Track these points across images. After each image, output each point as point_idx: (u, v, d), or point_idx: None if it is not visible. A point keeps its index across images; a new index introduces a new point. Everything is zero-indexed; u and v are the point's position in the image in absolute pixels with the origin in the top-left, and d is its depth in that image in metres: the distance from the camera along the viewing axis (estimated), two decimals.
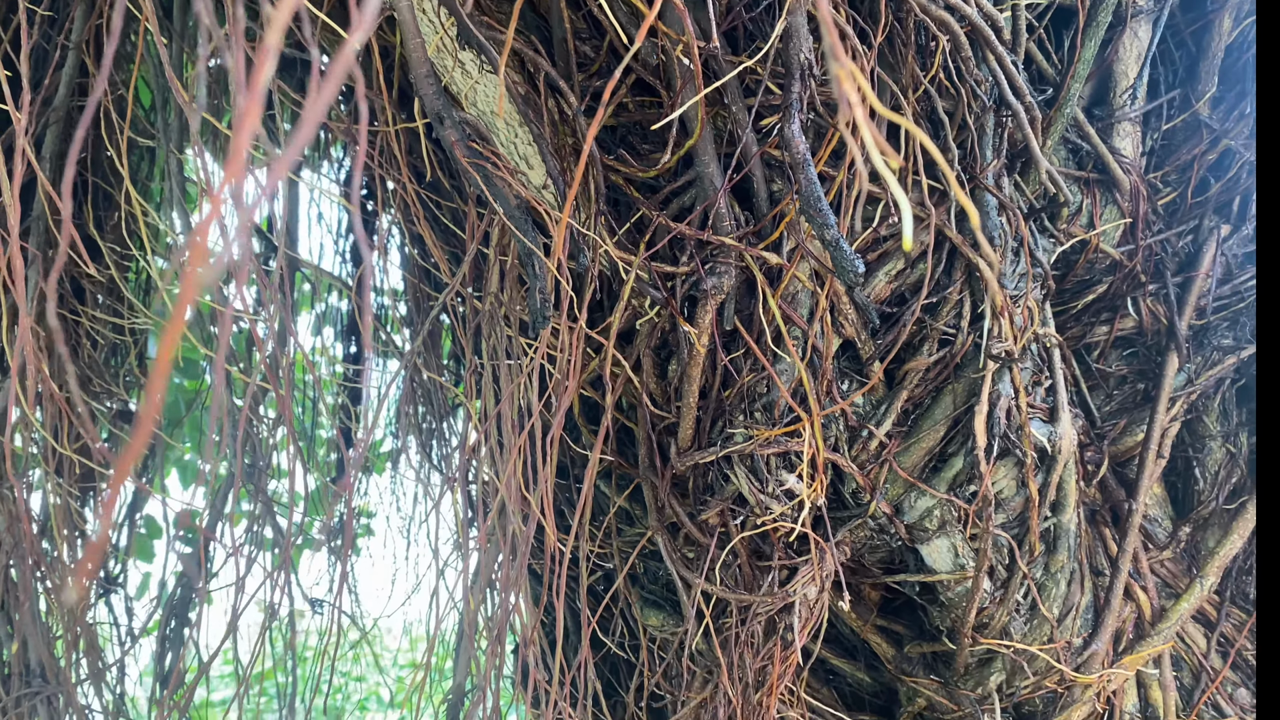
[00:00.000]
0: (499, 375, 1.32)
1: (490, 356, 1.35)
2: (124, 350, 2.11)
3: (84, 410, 1.99)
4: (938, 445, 1.39)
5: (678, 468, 1.40)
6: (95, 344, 2.03)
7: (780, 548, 1.44)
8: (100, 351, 2.05)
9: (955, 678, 1.64)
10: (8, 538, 1.88)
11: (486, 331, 1.34)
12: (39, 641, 1.92)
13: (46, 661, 1.91)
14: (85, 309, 2.03)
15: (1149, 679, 1.63)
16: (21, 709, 1.86)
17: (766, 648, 1.45)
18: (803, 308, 1.29)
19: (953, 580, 1.49)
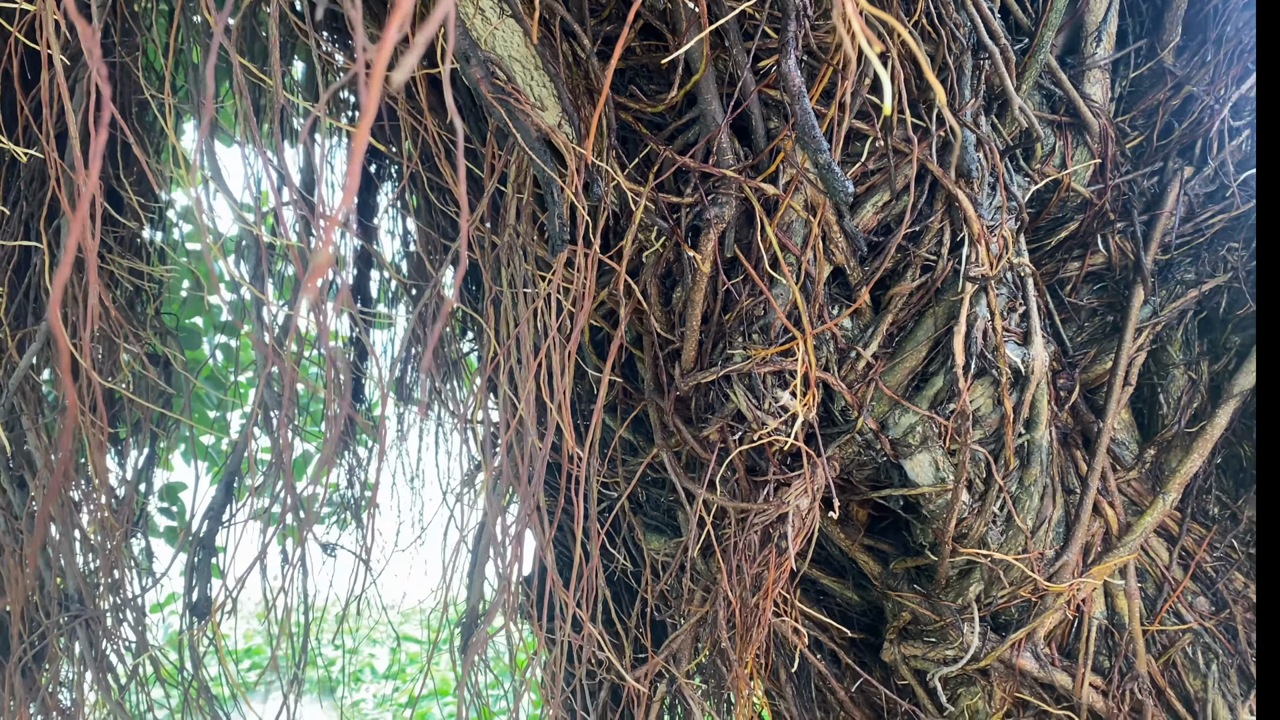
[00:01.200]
0: (517, 301, 1.43)
1: (509, 284, 1.46)
2: (146, 297, 2.22)
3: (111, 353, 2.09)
4: (920, 365, 1.51)
5: (681, 388, 1.52)
6: (120, 287, 2.13)
7: (775, 462, 1.57)
8: (125, 295, 2.15)
9: (937, 590, 1.77)
10: (45, 475, 1.99)
11: (505, 260, 1.45)
12: (76, 573, 2.03)
13: (84, 590, 2.02)
14: (111, 258, 2.13)
15: (1116, 588, 1.76)
16: (63, 630, 1.98)
17: (762, 555, 1.58)
18: (797, 236, 1.41)
19: (934, 493, 1.61)
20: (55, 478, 2.00)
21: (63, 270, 0.57)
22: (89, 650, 1.96)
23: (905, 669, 1.90)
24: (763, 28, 1.31)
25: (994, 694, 1.81)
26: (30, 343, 1.99)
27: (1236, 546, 1.81)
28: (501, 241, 1.43)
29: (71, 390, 0.54)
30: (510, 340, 1.38)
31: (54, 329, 0.48)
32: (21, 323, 2.00)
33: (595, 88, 1.32)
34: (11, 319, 1.98)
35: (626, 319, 1.37)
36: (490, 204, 1.51)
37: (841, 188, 1.15)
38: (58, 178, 1.43)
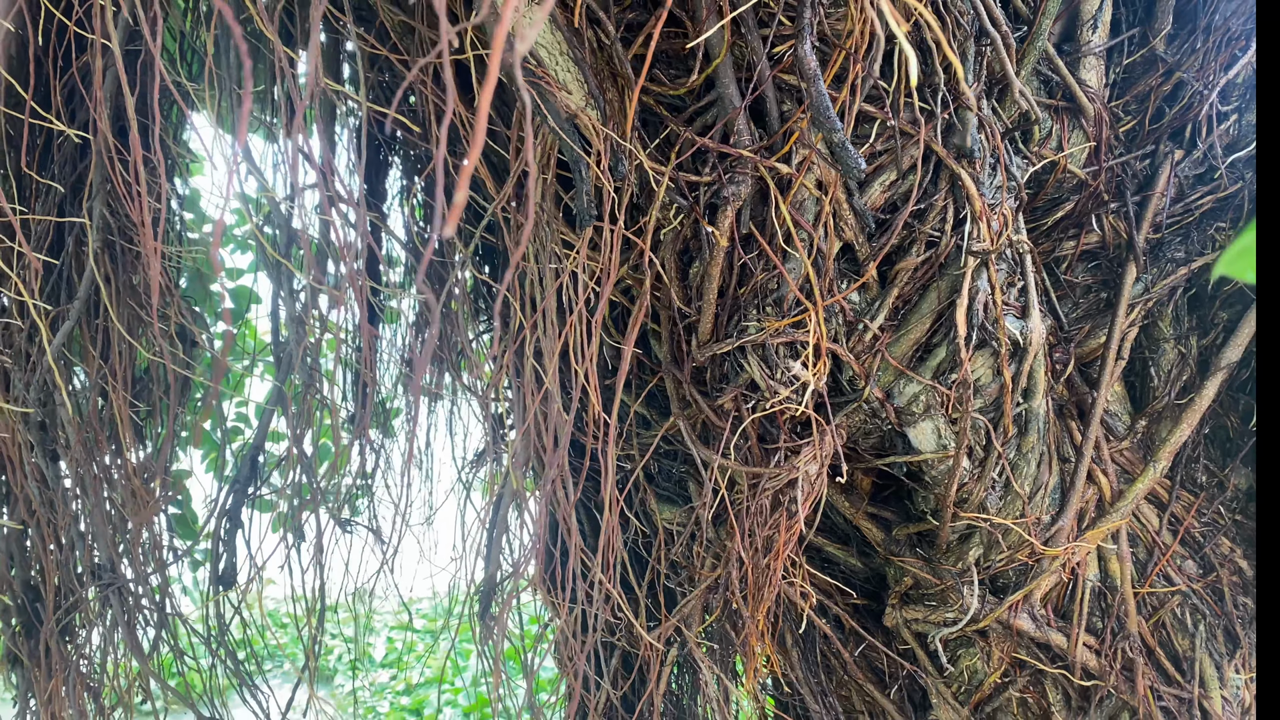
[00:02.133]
0: (543, 277, 1.51)
1: (535, 260, 1.53)
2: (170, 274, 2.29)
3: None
4: (924, 337, 1.59)
5: (698, 359, 1.60)
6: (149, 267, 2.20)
7: (786, 430, 1.65)
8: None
9: (938, 555, 1.85)
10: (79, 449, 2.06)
11: (530, 239, 1.53)
12: (107, 544, 2.10)
13: (115, 559, 2.10)
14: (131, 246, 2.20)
15: (1108, 553, 1.85)
16: (95, 599, 2.05)
17: (773, 518, 1.66)
18: (809, 213, 1.48)
19: (936, 459, 1.70)
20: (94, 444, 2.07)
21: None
22: (120, 617, 2.03)
23: (907, 632, 1.98)
24: (779, 16, 1.39)
25: (992, 654, 1.89)
26: (64, 321, 2.06)
27: (1223, 513, 1.90)
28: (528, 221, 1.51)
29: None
30: (537, 314, 1.46)
31: None
32: (55, 300, 2.07)
33: (619, 72, 1.39)
34: (46, 297, 2.05)
35: (648, 294, 1.45)
36: (515, 185, 1.58)
37: (854, 164, 1.23)
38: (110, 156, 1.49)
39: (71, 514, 2.07)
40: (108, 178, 2.06)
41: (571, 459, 2.15)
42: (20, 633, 2.41)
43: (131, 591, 2.07)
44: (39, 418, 2.06)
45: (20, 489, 2.08)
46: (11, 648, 2.44)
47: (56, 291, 2.07)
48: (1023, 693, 1.93)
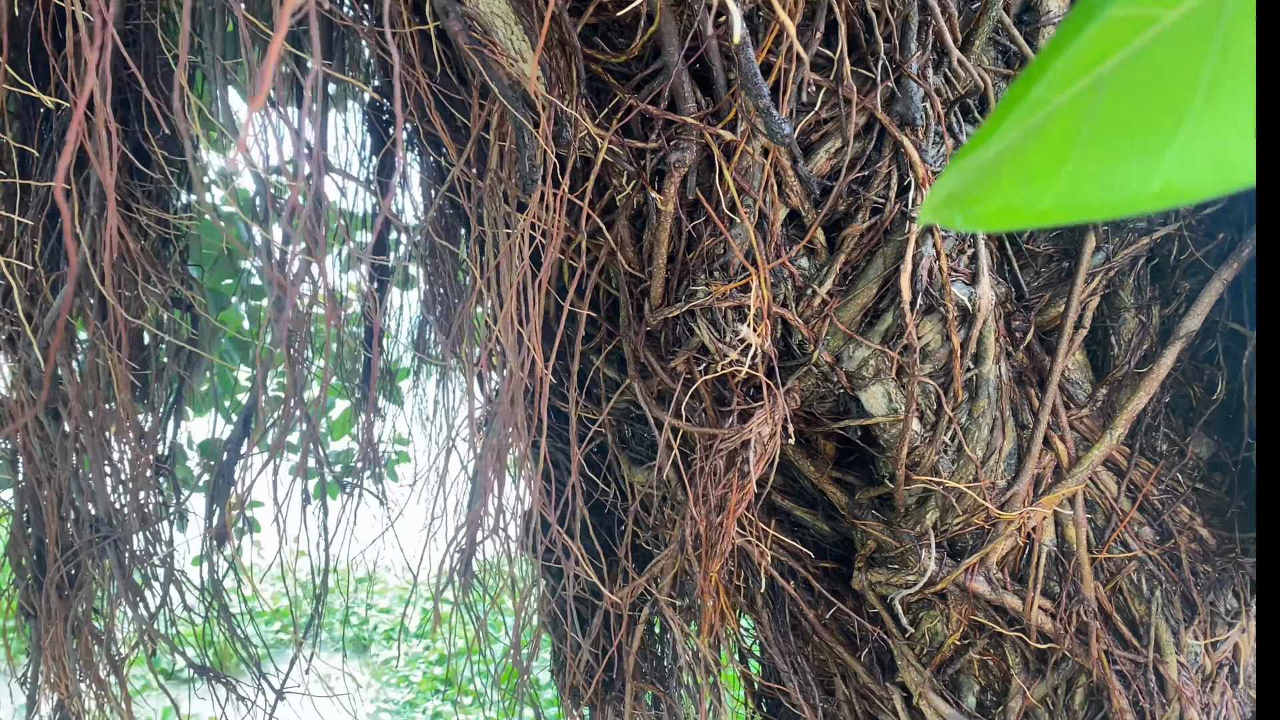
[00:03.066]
0: (499, 240, 1.57)
1: (491, 225, 1.59)
2: (172, 243, 2.37)
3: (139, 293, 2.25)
4: (871, 302, 1.63)
5: (650, 323, 1.65)
6: (147, 236, 2.29)
7: (739, 393, 1.69)
8: (152, 243, 2.31)
9: (897, 518, 1.89)
10: (77, 405, 2.16)
11: (487, 203, 1.58)
12: (105, 496, 2.20)
13: (111, 512, 2.19)
14: (138, 206, 2.28)
15: (1065, 518, 1.88)
16: (93, 550, 2.15)
17: (726, 478, 1.71)
18: (754, 180, 1.52)
19: (888, 423, 1.74)
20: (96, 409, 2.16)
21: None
22: (117, 569, 2.13)
23: (872, 595, 2.02)
24: None
25: (951, 617, 1.93)
26: (63, 284, 2.15)
27: (1182, 480, 1.91)
28: (484, 185, 1.56)
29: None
30: (490, 272, 1.51)
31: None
32: (55, 265, 2.16)
33: (566, 40, 1.44)
34: (46, 261, 2.14)
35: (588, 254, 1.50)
36: (477, 151, 1.64)
37: (779, 130, 1.27)
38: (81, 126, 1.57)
39: (71, 469, 2.17)
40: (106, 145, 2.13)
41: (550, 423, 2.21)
42: (33, 587, 2.52)
43: (127, 544, 2.16)
44: (39, 375, 2.15)
45: (23, 445, 2.18)
46: (24, 603, 2.56)
47: (56, 256, 2.16)
48: (983, 655, 1.97)
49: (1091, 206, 0.48)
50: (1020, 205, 0.49)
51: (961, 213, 0.51)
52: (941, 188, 0.52)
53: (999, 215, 0.50)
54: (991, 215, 0.50)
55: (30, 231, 2.14)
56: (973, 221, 0.51)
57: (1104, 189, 0.46)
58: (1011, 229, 1.27)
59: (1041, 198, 0.48)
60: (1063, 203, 0.48)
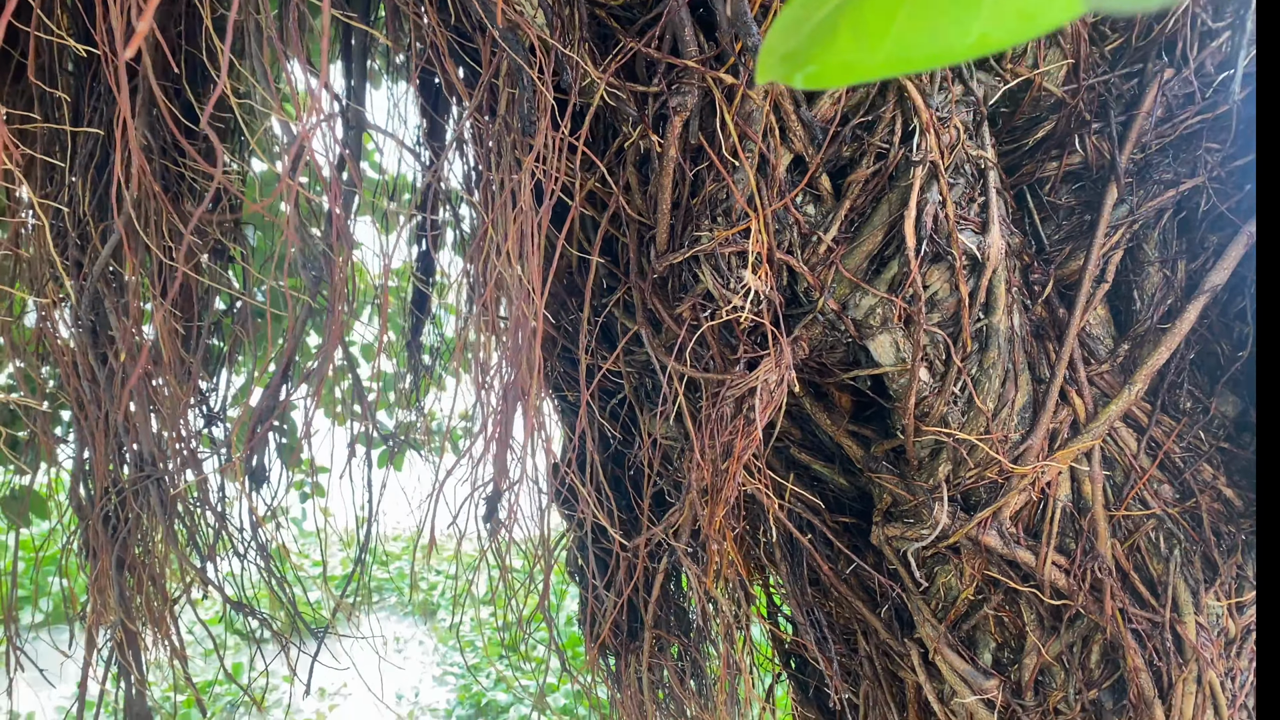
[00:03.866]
0: (504, 184, 1.60)
1: (499, 170, 1.62)
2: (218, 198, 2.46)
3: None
4: (877, 249, 1.63)
5: (656, 269, 1.67)
6: (194, 191, 2.37)
7: (746, 340, 1.71)
8: (198, 199, 2.39)
9: (910, 471, 1.89)
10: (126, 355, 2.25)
11: (495, 147, 1.62)
12: (148, 437, 2.30)
13: (154, 452, 2.29)
14: (185, 161, 2.37)
15: (1082, 474, 1.85)
16: (137, 488, 2.25)
17: (733, 425, 1.72)
18: (757, 125, 1.53)
19: (897, 372, 1.73)
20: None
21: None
22: (159, 506, 2.23)
23: (889, 550, 2.02)
24: None
25: (965, 571, 1.92)
26: (111, 234, 2.24)
27: (1205, 439, 1.87)
28: (494, 129, 1.60)
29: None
30: (494, 212, 1.55)
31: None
32: (103, 215, 2.26)
33: None
34: (94, 210, 2.24)
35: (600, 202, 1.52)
36: (491, 97, 1.67)
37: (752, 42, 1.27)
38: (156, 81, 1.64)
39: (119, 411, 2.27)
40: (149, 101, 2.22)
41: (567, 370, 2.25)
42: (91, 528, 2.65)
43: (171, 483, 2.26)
44: (90, 322, 2.26)
45: (74, 390, 2.29)
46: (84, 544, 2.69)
47: (104, 206, 2.25)
48: (998, 611, 1.96)
49: (918, 59, 0.50)
50: (856, 62, 0.51)
51: (799, 70, 0.53)
52: (775, 47, 0.53)
53: (836, 72, 0.52)
54: (829, 73, 0.52)
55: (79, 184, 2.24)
56: (811, 80, 0.53)
57: (929, 43, 0.49)
58: (846, 84, 1.26)
59: (874, 54, 0.51)
60: (893, 58, 0.50)
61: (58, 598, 7.32)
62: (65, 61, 2.27)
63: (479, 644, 8.59)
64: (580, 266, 1.98)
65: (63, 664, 3.64)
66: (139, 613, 2.64)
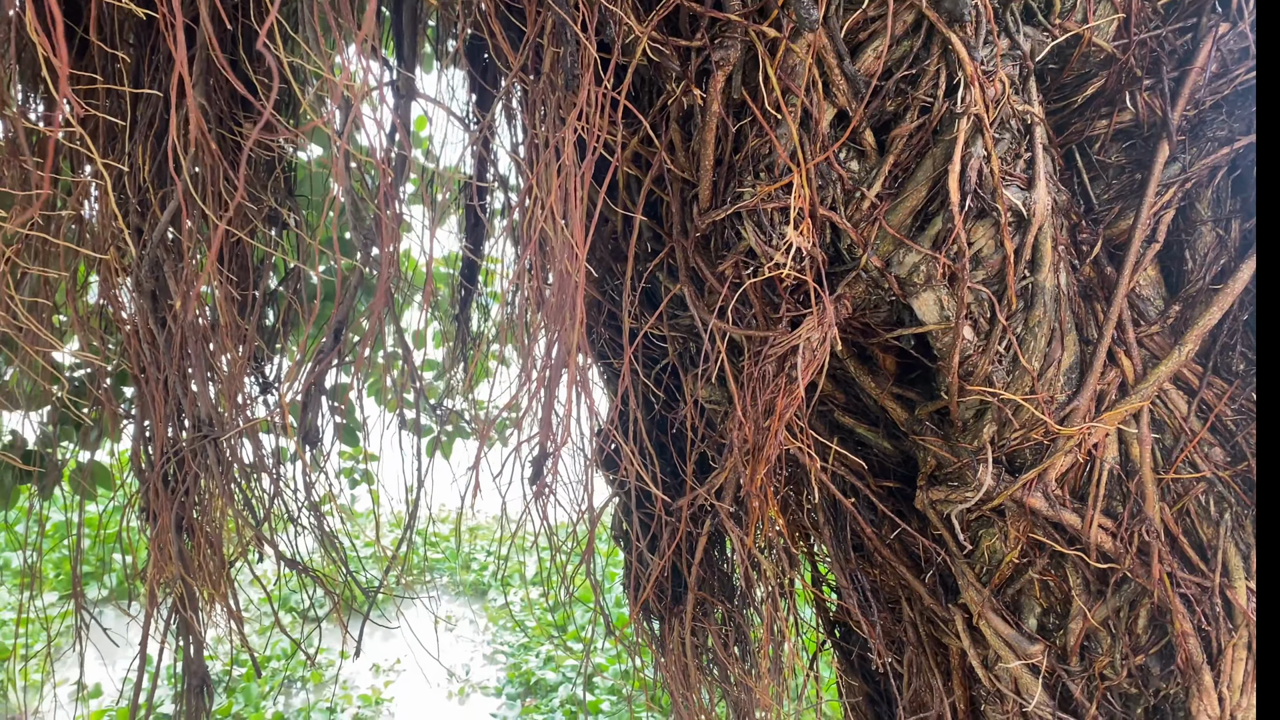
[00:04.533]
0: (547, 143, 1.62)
1: (544, 127, 1.64)
2: (274, 164, 2.51)
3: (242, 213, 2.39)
4: (921, 205, 1.62)
5: (699, 226, 1.68)
6: (250, 158, 2.43)
7: (788, 299, 1.71)
8: (254, 166, 2.45)
9: (955, 432, 1.88)
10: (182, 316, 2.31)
11: (539, 106, 1.64)
12: (206, 399, 2.36)
13: (212, 414, 2.36)
14: (240, 129, 2.42)
15: (1130, 436, 1.83)
16: (194, 448, 2.32)
17: (774, 383, 1.73)
18: (800, 79, 1.53)
19: (940, 331, 1.72)
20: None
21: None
22: (216, 465, 2.29)
23: (933, 514, 2.02)
24: None
25: (1009, 534, 1.91)
26: (170, 200, 2.30)
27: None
28: (539, 88, 1.61)
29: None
30: (538, 168, 1.57)
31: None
32: (162, 181, 2.32)
33: None
34: (154, 177, 2.30)
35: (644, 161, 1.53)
36: (535, 56, 1.69)
37: (807, 15, 1.28)
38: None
39: (176, 374, 2.34)
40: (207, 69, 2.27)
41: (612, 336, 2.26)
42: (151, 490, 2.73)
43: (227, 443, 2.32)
44: (150, 287, 2.32)
45: (134, 351, 2.36)
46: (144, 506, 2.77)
47: (163, 173, 2.31)
48: (1043, 575, 1.95)
49: None
50: None
51: None
52: None
53: None
54: None
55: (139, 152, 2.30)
56: None
57: None
58: None
59: None
60: None
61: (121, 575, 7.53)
62: (127, 33, 2.33)
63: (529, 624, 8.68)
64: (624, 230, 2.00)
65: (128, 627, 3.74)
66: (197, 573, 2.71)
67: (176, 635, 2.95)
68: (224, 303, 2.31)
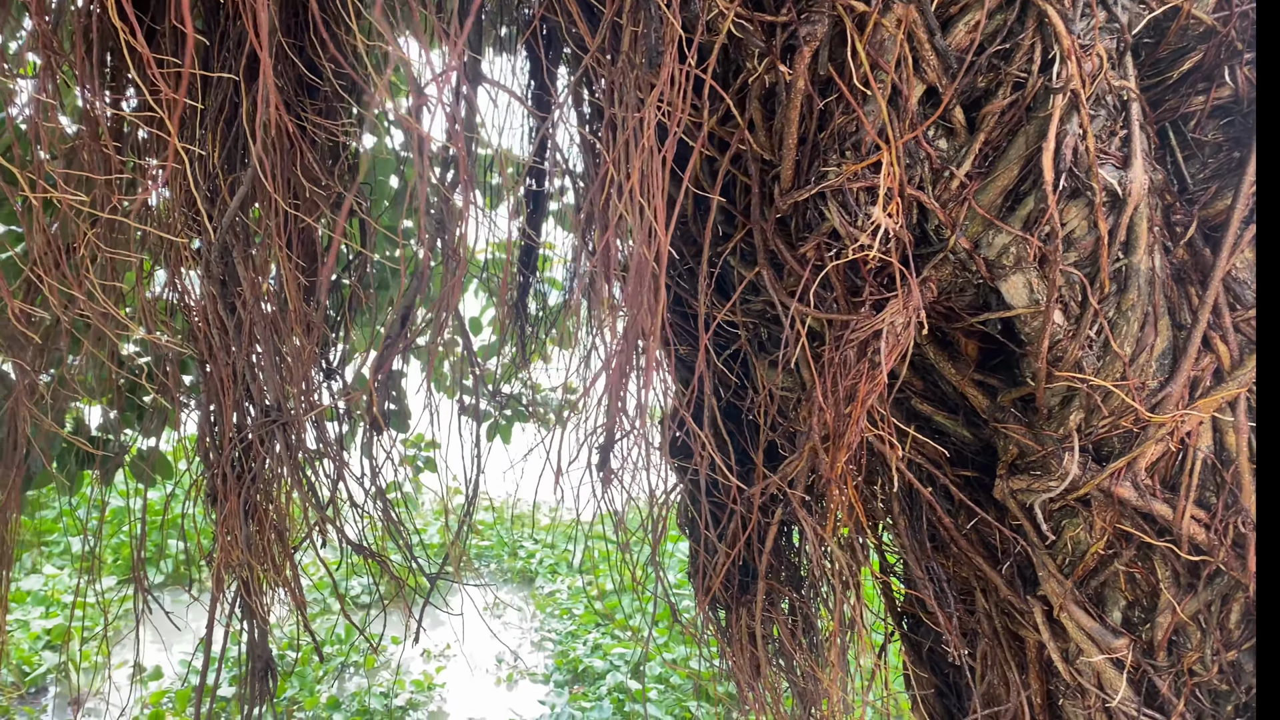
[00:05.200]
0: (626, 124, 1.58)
1: (622, 108, 1.61)
2: (339, 150, 2.51)
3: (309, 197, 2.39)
4: (1012, 184, 1.57)
5: (780, 207, 1.64)
6: (315, 144, 2.42)
7: (872, 281, 1.67)
8: (319, 151, 2.44)
9: (1039, 420, 1.83)
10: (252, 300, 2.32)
11: (619, 84, 1.60)
12: (275, 385, 2.36)
13: (280, 399, 2.36)
14: (307, 116, 2.41)
15: (1225, 424, 1.77)
16: (263, 433, 2.32)
17: (856, 369, 1.69)
18: (889, 54, 1.48)
19: (1029, 315, 1.67)
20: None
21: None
22: (285, 450, 2.29)
23: (1014, 503, 1.97)
24: None
25: (1095, 525, 1.86)
26: (239, 186, 2.31)
27: None
28: (616, 68, 1.58)
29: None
30: (616, 150, 1.54)
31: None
32: (231, 168, 2.32)
33: None
34: (223, 163, 2.30)
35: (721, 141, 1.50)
36: (612, 35, 1.66)
37: None
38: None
39: (246, 359, 2.34)
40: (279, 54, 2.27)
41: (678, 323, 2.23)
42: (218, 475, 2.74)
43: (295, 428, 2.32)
44: (219, 273, 2.33)
45: (204, 336, 2.37)
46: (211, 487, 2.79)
47: (233, 157, 2.32)
48: (1129, 567, 1.89)
49: None
50: None
51: None
52: None
53: None
54: None
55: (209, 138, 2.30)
56: None
57: None
58: None
59: None
60: None
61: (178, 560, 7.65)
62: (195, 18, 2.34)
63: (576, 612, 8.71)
64: (696, 214, 1.97)
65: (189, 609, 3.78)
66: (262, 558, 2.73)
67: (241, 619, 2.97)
68: (292, 288, 2.31)
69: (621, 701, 6.86)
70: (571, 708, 6.85)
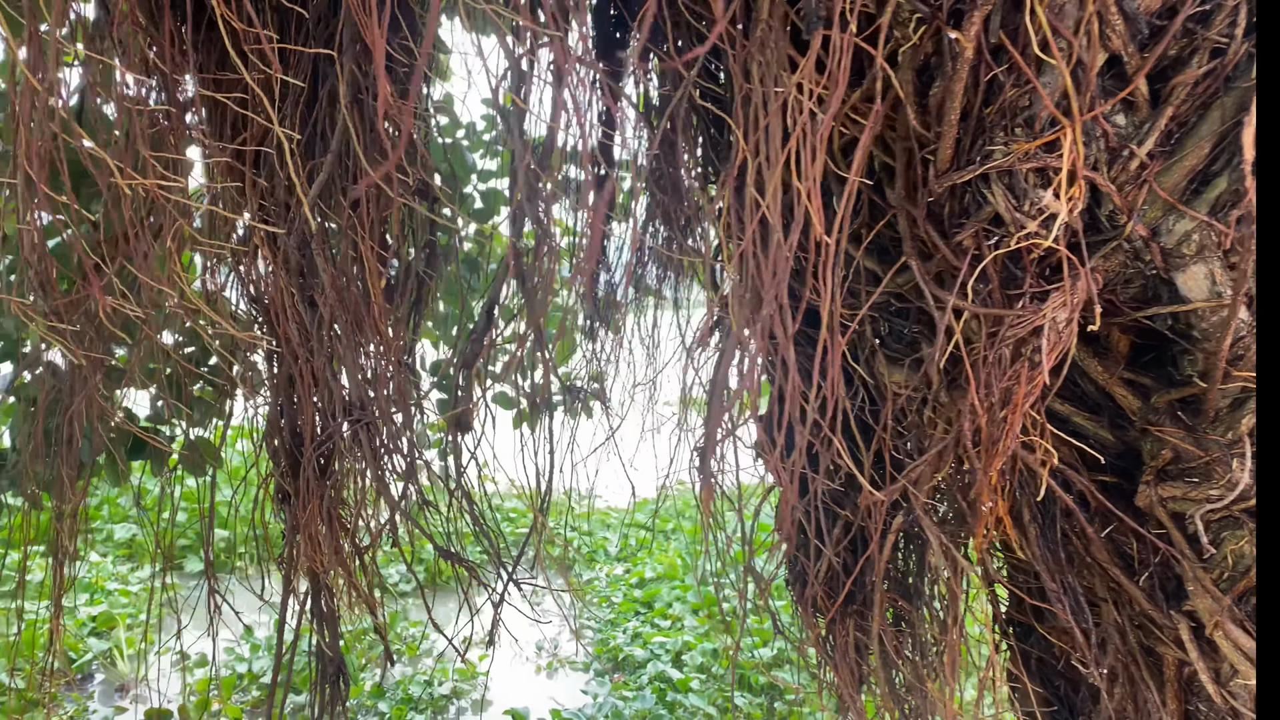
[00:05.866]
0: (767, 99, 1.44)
1: (760, 82, 1.46)
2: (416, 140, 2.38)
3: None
4: (1201, 164, 1.41)
5: (935, 190, 1.49)
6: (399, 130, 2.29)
7: (1033, 272, 1.51)
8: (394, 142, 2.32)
9: (1204, 423, 1.67)
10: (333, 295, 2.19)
11: (756, 57, 1.45)
12: (359, 384, 2.24)
13: (365, 399, 2.24)
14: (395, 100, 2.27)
15: None
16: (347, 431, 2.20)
17: (1012, 369, 1.54)
18: (1069, 19, 1.33)
19: (1208, 310, 1.51)
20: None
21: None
22: (368, 450, 2.17)
23: (1162, 512, 1.81)
24: None
25: None
26: (318, 174, 2.18)
27: None
28: (752, 39, 1.43)
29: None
30: (757, 134, 1.39)
31: None
32: (310, 155, 2.19)
33: None
34: (302, 151, 2.17)
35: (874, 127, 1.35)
36: (743, 5, 1.51)
37: None
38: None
39: (326, 356, 2.22)
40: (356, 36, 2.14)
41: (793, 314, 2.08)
42: (288, 472, 2.63)
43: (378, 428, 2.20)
44: (297, 262, 2.20)
45: (283, 332, 2.25)
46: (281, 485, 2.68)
47: (312, 145, 2.19)
48: None
49: None
50: None
51: None
52: None
53: None
54: None
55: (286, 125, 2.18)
56: None
57: None
58: None
59: None
60: None
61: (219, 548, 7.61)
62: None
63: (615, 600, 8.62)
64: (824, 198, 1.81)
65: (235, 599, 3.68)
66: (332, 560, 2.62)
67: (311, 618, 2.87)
68: (375, 282, 2.19)
69: (663, 691, 6.76)
70: (614, 697, 6.76)
